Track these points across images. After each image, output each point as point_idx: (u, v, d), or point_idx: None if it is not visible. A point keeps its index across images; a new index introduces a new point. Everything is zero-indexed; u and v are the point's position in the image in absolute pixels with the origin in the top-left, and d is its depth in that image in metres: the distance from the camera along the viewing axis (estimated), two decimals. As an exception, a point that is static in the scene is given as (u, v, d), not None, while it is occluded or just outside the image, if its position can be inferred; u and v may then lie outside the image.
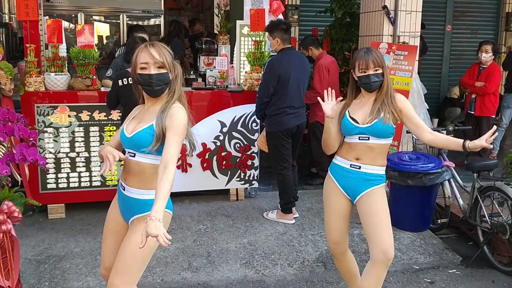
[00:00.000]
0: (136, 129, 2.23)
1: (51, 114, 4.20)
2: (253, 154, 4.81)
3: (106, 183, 4.43)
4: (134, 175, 2.25)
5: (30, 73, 4.13)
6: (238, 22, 5.34)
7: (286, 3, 7.63)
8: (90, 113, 4.30)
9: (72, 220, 4.32)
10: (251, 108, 4.65)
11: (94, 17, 7.51)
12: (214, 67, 5.18)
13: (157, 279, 3.39)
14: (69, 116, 4.24)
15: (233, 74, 4.94)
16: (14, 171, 2.89)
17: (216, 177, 4.76)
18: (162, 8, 7.52)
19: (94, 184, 4.41)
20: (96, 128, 4.34)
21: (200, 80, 5.36)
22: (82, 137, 4.31)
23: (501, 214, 3.67)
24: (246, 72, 4.92)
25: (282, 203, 4.39)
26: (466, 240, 4.24)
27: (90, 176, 4.38)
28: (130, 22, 7.42)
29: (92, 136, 4.34)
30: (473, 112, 5.96)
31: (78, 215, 4.42)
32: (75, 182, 4.35)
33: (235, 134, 4.73)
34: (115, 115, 4.35)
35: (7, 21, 7.99)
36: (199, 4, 10.62)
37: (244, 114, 4.73)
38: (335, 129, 2.72)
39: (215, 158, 4.71)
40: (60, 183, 4.31)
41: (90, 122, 4.32)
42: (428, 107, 5.01)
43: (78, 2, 7.09)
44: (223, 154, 4.72)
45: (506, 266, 3.67)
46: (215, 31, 6.88)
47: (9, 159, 2.70)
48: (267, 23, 4.56)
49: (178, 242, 3.89)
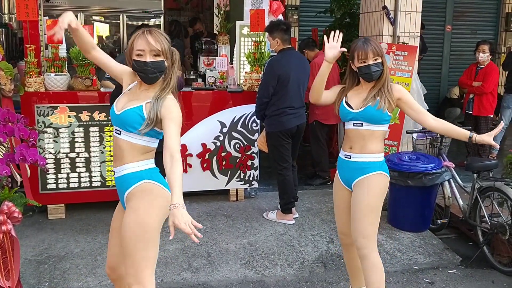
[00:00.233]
0: (125, 107, 2.23)
1: (51, 115, 4.20)
2: (253, 155, 4.81)
3: (106, 183, 4.43)
4: (120, 154, 2.24)
5: (30, 73, 4.13)
6: (238, 23, 5.34)
7: (286, 4, 7.63)
8: (90, 113, 4.30)
9: (72, 221, 4.32)
10: (251, 108, 4.65)
11: (94, 17, 7.48)
12: (214, 67, 5.19)
13: (157, 279, 3.38)
14: (69, 116, 4.24)
15: (233, 74, 4.94)
16: (14, 171, 2.89)
17: (216, 177, 4.76)
18: (162, 8, 7.50)
19: (94, 184, 4.40)
20: (96, 129, 4.34)
21: (200, 80, 5.36)
22: (82, 137, 4.31)
23: (500, 214, 3.67)
24: (246, 72, 4.92)
25: (282, 204, 4.39)
26: (466, 240, 4.24)
27: (90, 176, 4.38)
28: (130, 22, 7.41)
29: (92, 137, 4.34)
30: (471, 112, 5.97)
31: (78, 216, 4.42)
32: (75, 183, 4.35)
33: (235, 134, 4.73)
34: (115, 115, 4.35)
35: (7, 21, 8.00)
36: (199, 4, 10.62)
37: (244, 115, 4.73)
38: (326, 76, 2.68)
39: (215, 158, 4.71)
40: (60, 183, 4.31)
41: (90, 123, 4.32)
42: (428, 108, 4.99)
43: (78, 2, 7.06)
44: (223, 154, 4.72)
45: (505, 266, 3.67)
46: (215, 32, 6.89)
47: (9, 160, 2.70)
48: (267, 23, 4.57)
49: (178, 243, 3.89)
